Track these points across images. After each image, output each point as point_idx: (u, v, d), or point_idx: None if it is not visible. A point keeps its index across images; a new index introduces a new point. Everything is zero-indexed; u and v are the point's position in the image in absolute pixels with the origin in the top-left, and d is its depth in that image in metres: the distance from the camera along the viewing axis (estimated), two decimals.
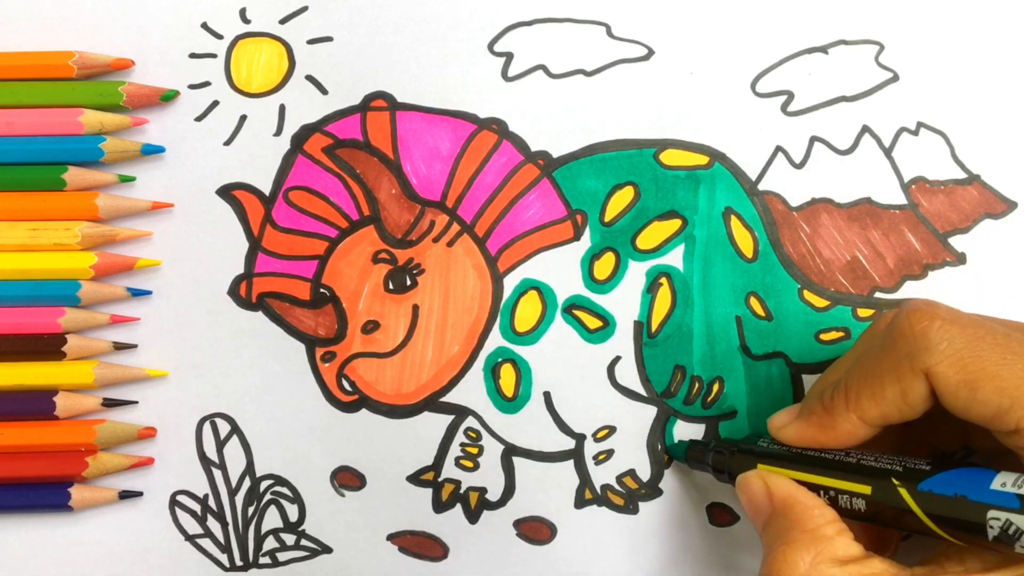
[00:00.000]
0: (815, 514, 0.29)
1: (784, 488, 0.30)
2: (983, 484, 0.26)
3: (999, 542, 0.25)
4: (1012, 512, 0.25)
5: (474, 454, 0.36)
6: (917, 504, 0.27)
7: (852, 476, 0.29)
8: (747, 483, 0.31)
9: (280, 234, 0.37)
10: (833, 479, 0.29)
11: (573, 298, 0.37)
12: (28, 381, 0.35)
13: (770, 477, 0.31)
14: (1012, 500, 0.25)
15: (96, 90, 0.36)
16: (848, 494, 0.29)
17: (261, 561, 0.36)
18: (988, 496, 0.25)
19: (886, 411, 0.29)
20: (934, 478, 0.27)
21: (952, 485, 0.26)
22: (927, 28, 0.37)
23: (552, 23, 0.37)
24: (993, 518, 0.25)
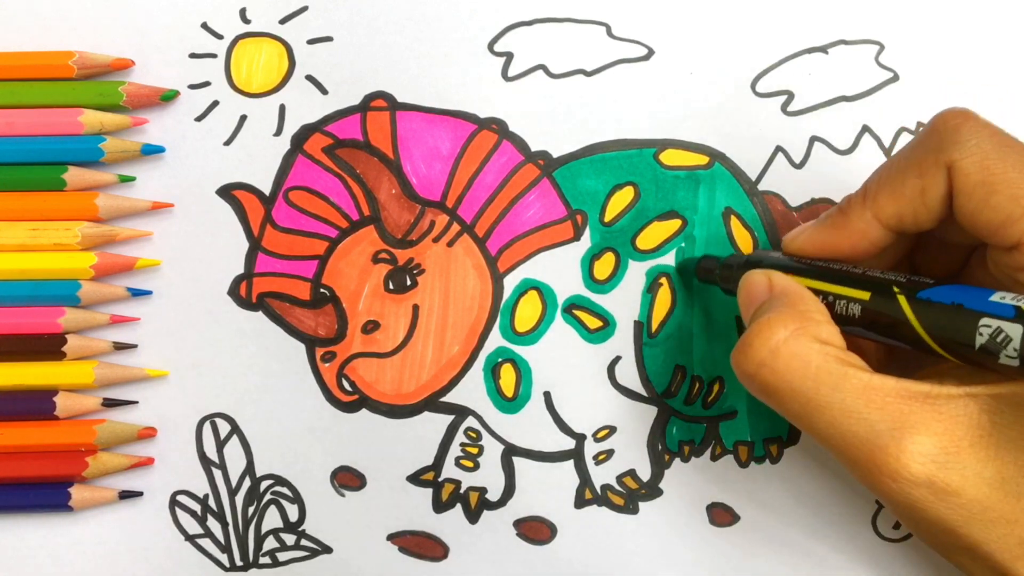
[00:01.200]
0: (807, 299, 0.28)
1: (785, 279, 0.30)
2: (983, 296, 0.25)
3: (985, 352, 0.25)
4: (1005, 320, 0.24)
5: (474, 454, 0.36)
6: (913, 311, 0.26)
7: (854, 283, 0.29)
8: (749, 278, 0.31)
9: (280, 234, 0.37)
10: (834, 285, 0.29)
11: (573, 298, 0.37)
12: (28, 381, 0.35)
13: (774, 273, 0.30)
14: (1008, 310, 0.24)
15: (96, 90, 0.36)
16: (846, 299, 0.28)
17: (261, 561, 0.37)
18: (985, 306, 0.25)
19: (902, 209, 0.28)
20: (934, 288, 0.27)
21: (951, 295, 0.26)
22: (927, 28, 0.37)
23: (552, 23, 0.37)
24: (984, 325, 0.25)
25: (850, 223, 0.29)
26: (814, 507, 0.36)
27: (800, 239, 0.31)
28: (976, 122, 0.27)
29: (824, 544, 0.36)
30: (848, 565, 0.36)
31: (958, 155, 0.27)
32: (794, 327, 0.27)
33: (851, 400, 0.26)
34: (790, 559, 0.36)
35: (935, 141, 0.27)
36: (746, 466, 0.37)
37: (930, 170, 0.27)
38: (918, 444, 0.25)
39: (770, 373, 0.27)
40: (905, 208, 0.28)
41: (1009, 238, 0.26)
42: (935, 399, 0.26)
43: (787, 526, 0.36)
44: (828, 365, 0.27)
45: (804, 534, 0.36)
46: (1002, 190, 0.26)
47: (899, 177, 0.28)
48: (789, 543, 0.36)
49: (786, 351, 0.27)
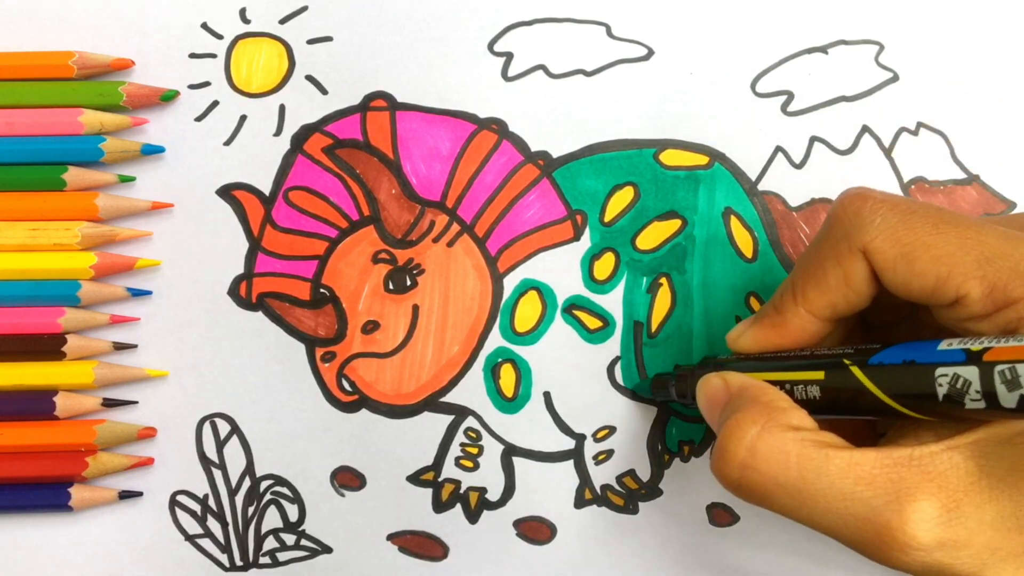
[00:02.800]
0: (768, 391, 0.28)
1: (741, 378, 0.30)
2: (931, 348, 0.25)
3: (950, 401, 0.24)
4: (959, 366, 0.24)
5: (474, 454, 0.36)
6: (869, 378, 0.27)
7: (805, 366, 0.29)
8: (706, 381, 0.31)
9: (280, 234, 0.37)
10: (788, 372, 0.29)
11: (573, 298, 0.37)
12: (28, 381, 0.35)
13: (727, 373, 0.30)
14: (958, 355, 0.24)
15: (96, 90, 0.36)
16: (803, 383, 0.28)
17: (261, 561, 0.37)
18: (935, 356, 0.25)
19: (832, 299, 0.28)
20: (883, 352, 0.27)
21: (901, 354, 0.26)
22: (927, 28, 0.37)
23: (552, 23, 0.37)
24: (941, 375, 0.25)
25: (787, 322, 0.29)
26: None
27: (744, 339, 0.31)
28: (874, 200, 0.27)
29: (824, 544, 0.36)
30: (848, 565, 0.36)
31: (868, 237, 0.27)
32: (763, 421, 0.27)
33: (839, 482, 0.26)
34: (790, 559, 0.36)
35: (842, 229, 0.28)
36: None
37: (845, 257, 0.27)
38: (920, 511, 0.25)
39: (753, 473, 0.27)
40: (835, 297, 0.28)
41: (945, 297, 0.26)
42: (920, 460, 0.26)
43: (787, 526, 0.36)
44: (807, 451, 0.26)
45: (804, 534, 0.36)
46: (921, 255, 0.26)
47: (819, 270, 0.28)
48: (789, 543, 0.36)
49: (763, 447, 0.27)
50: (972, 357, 0.24)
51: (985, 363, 0.24)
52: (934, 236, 0.26)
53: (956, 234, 0.26)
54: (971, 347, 0.24)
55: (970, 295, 0.25)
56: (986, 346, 0.24)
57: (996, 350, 0.24)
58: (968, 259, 0.25)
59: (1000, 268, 0.25)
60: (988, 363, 0.24)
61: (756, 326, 0.31)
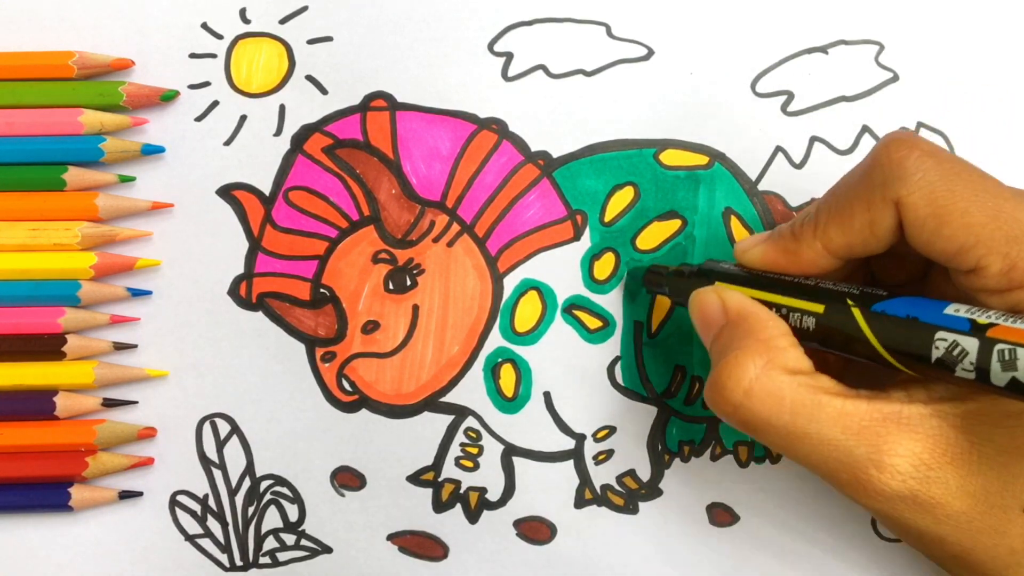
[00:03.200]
0: (768, 325, 0.28)
1: (739, 300, 0.30)
2: (937, 309, 0.25)
3: (941, 365, 0.25)
4: (960, 334, 0.24)
5: (474, 454, 0.36)
6: (868, 324, 0.27)
7: (807, 296, 0.29)
8: (701, 297, 0.31)
9: (280, 234, 0.37)
10: (787, 298, 0.29)
11: (573, 298, 0.37)
12: (28, 381, 0.35)
13: (725, 291, 0.30)
14: (963, 323, 0.24)
15: (96, 90, 0.36)
16: (800, 312, 0.28)
17: (261, 561, 0.37)
18: (940, 319, 0.25)
19: (852, 241, 0.28)
20: (889, 301, 0.27)
21: (905, 308, 0.26)
22: (927, 28, 0.37)
23: (552, 23, 0.37)
24: (940, 339, 0.25)
25: (801, 250, 0.29)
26: (814, 507, 0.36)
27: (752, 253, 0.31)
28: (921, 151, 0.27)
29: (824, 544, 0.36)
30: (848, 565, 0.36)
31: (905, 191, 0.26)
32: (762, 362, 0.27)
33: (827, 429, 0.27)
34: (790, 559, 0.36)
35: (880, 176, 0.27)
36: (746, 466, 0.37)
37: (877, 204, 0.27)
38: (896, 464, 0.26)
39: (747, 412, 0.27)
40: (855, 239, 0.28)
41: (965, 263, 0.26)
42: (908, 419, 0.26)
43: (787, 526, 0.36)
44: (802, 397, 0.27)
45: (804, 534, 0.36)
46: (953, 220, 0.26)
47: (847, 210, 0.28)
48: (789, 543, 0.36)
49: (759, 389, 0.27)
50: (976, 329, 0.24)
51: (987, 338, 0.24)
52: (970, 203, 0.26)
53: (993, 205, 0.26)
54: (977, 319, 0.24)
55: (989, 268, 0.25)
56: (992, 321, 0.24)
57: (1002, 328, 0.24)
58: (998, 234, 0.25)
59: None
60: (990, 339, 0.24)
61: (768, 244, 0.30)
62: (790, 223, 0.30)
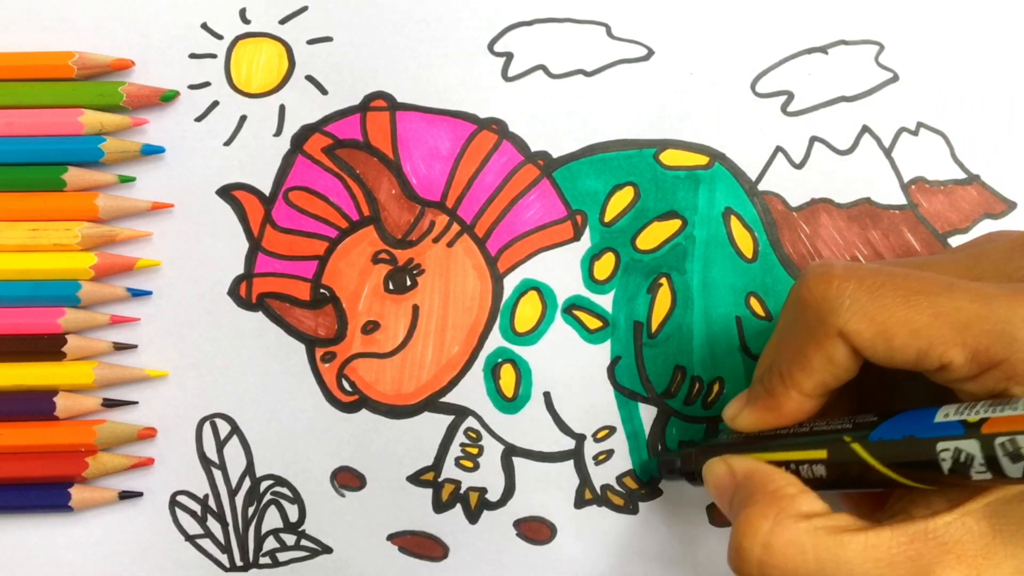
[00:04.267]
0: (775, 477, 0.28)
1: (746, 463, 0.30)
2: (928, 420, 0.25)
3: (955, 474, 0.25)
4: (959, 439, 0.24)
5: (474, 454, 0.36)
6: (871, 455, 0.27)
7: (807, 444, 0.29)
8: (711, 469, 0.31)
9: (280, 234, 0.37)
10: (791, 451, 0.29)
11: (573, 298, 0.37)
12: (28, 381, 0.35)
13: (732, 458, 0.30)
14: (956, 428, 0.24)
15: (96, 90, 0.36)
16: (808, 463, 0.28)
17: (261, 561, 0.37)
18: (934, 430, 0.25)
19: (821, 379, 0.28)
20: (882, 426, 0.27)
21: (900, 428, 0.26)
22: (927, 28, 0.37)
23: (552, 23, 0.37)
24: (943, 450, 0.25)
25: (781, 405, 0.29)
26: None
27: (741, 420, 0.31)
28: (839, 279, 0.27)
29: None
30: None
31: (841, 321, 0.27)
32: (774, 514, 0.27)
33: (859, 568, 0.26)
34: None
35: (814, 315, 0.27)
36: None
37: (824, 341, 0.27)
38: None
39: (771, 569, 0.27)
40: (823, 376, 0.28)
41: (930, 365, 0.26)
42: (935, 532, 0.26)
43: None
44: (821, 541, 0.26)
45: None
46: (898, 332, 0.26)
47: (801, 355, 0.28)
48: None
49: (777, 542, 0.27)
50: (970, 429, 0.24)
51: (984, 435, 0.24)
52: (907, 310, 0.26)
53: (929, 303, 0.26)
54: (968, 418, 0.24)
55: (954, 362, 0.25)
56: (983, 417, 0.24)
57: (993, 421, 0.24)
58: (945, 329, 0.25)
59: (979, 333, 0.25)
60: (987, 435, 0.24)
61: (751, 408, 0.31)
62: (758, 379, 0.30)
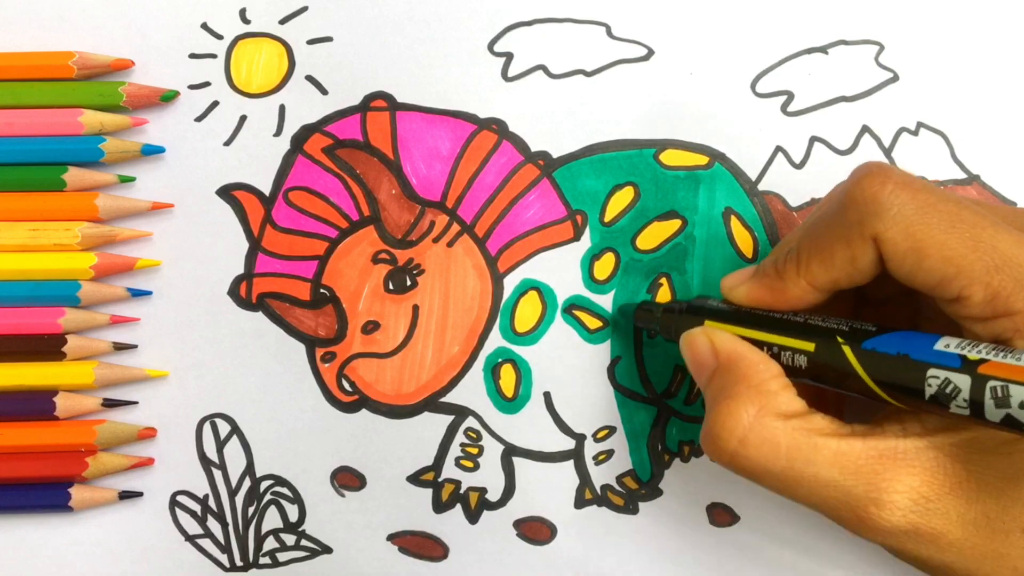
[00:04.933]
0: (760, 368, 0.28)
1: (729, 344, 0.29)
2: (927, 345, 0.25)
3: (935, 402, 0.25)
4: (952, 371, 0.24)
5: (474, 454, 0.36)
6: (859, 362, 0.26)
7: (797, 333, 0.28)
8: (692, 339, 0.31)
9: (280, 234, 0.37)
10: (778, 336, 0.29)
11: (573, 298, 0.37)
12: (28, 381, 0.35)
13: (715, 333, 0.30)
14: (954, 360, 0.24)
15: (96, 90, 0.36)
16: (791, 351, 0.28)
17: (261, 561, 0.37)
18: (931, 356, 0.25)
19: (835, 276, 0.28)
20: (879, 338, 0.27)
21: (896, 345, 0.26)
22: (927, 28, 0.37)
23: (552, 23, 0.37)
24: (932, 376, 0.24)
25: (786, 288, 0.29)
26: None
27: (739, 292, 0.31)
28: (894, 184, 0.27)
29: (824, 544, 0.36)
30: (848, 565, 0.36)
31: (881, 227, 0.26)
32: (755, 409, 0.27)
33: (825, 472, 0.27)
34: (790, 559, 0.36)
35: (855, 213, 0.27)
36: None
37: (855, 241, 0.27)
38: (896, 500, 0.26)
39: (743, 460, 0.27)
40: (838, 275, 0.28)
41: (948, 293, 0.26)
42: (905, 453, 0.26)
43: (787, 526, 0.36)
44: (797, 442, 0.27)
45: (804, 534, 0.36)
46: (932, 253, 0.26)
47: (827, 249, 0.28)
48: (789, 543, 0.36)
49: (754, 438, 0.27)
50: (967, 365, 0.24)
51: (979, 375, 0.24)
52: (948, 235, 0.26)
53: (971, 236, 0.26)
54: (968, 354, 0.24)
55: (972, 298, 0.25)
56: (983, 357, 0.24)
57: (993, 364, 0.24)
58: (978, 264, 0.25)
59: (1007, 278, 0.25)
60: (982, 376, 0.24)
61: (753, 283, 0.30)
62: (772, 258, 0.30)
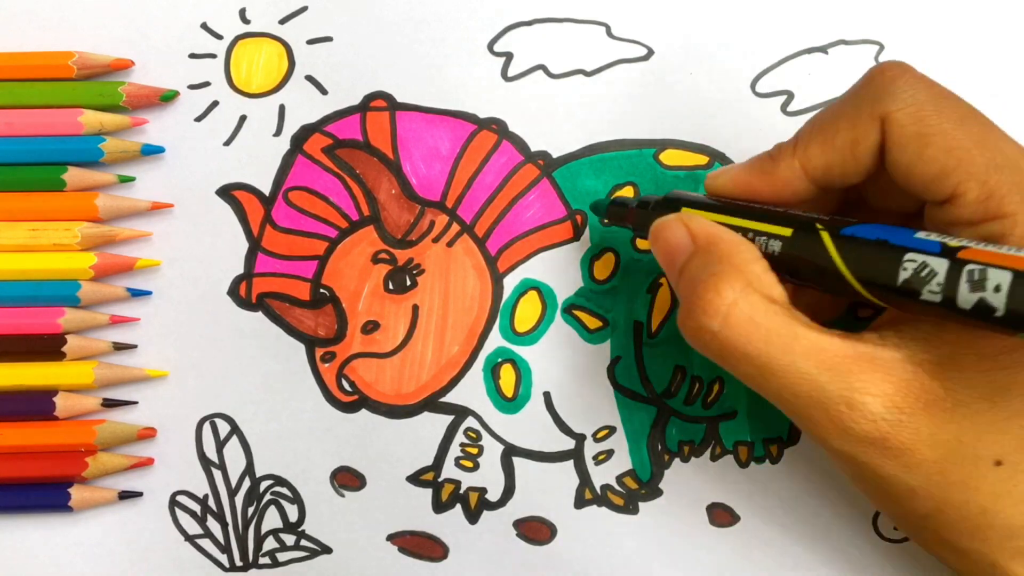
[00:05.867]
0: (741, 249, 0.27)
1: (706, 227, 0.28)
2: (908, 233, 0.25)
3: (907, 286, 0.24)
4: (930, 255, 0.24)
5: (474, 454, 0.36)
6: (836, 248, 0.26)
7: (775, 220, 0.28)
8: (664, 226, 0.29)
9: (280, 234, 0.37)
10: (754, 221, 0.28)
11: (573, 298, 0.37)
12: (28, 381, 0.35)
13: (690, 218, 0.29)
14: (934, 245, 0.24)
15: (96, 90, 0.36)
16: (767, 236, 0.27)
17: (261, 561, 0.37)
18: (910, 241, 0.24)
19: (831, 161, 0.28)
20: (859, 226, 0.26)
21: (876, 232, 0.25)
22: (927, 28, 0.37)
23: (552, 23, 0.37)
24: (909, 260, 0.24)
25: (778, 170, 0.28)
26: (814, 507, 0.36)
27: (723, 179, 0.30)
28: (913, 75, 0.27)
29: (824, 544, 0.36)
30: (848, 565, 0.36)
31: (893, 106, 0.26)
32: (740, 287, 0.26)
33: (801, 362, 0.26)
34: (790, 559, 0.36)
35: (870, 92, 0.27)
36: (746, 466, 0.37)
37: (863, 121, 0.27)
38: (868, 403, 0.25)
39: (724, 339, 0.26)
40: (835, 159, 0.28)
41: (942, 191, 0.25)
42: (882, 361, 0.26)
43: (787, 526, 0.36)
44: (777, 326, 0.26)
45: (804, 534, 0.36)
46: (936, 142, 0.25)
47: (831, 128, 0.28)
48: (789, 543, 0.36)
49: (738, 315, 0.26)
50: (947, 251, 0.23)
51: (958, 259, 0.23)
52: (956, 126, 0.26)
53: (979, 132, 0.25)
54: (948, 242, 0.24)
55: (966, 196, 0.25)
56: (964, 244, 0.23)
57: (973, 250, 0.23)
58: (980, 159, 0.25)
59: (1004, 178, 0.25)
60: (961, 260, 0.23)
61: (743, 167, 0.30)
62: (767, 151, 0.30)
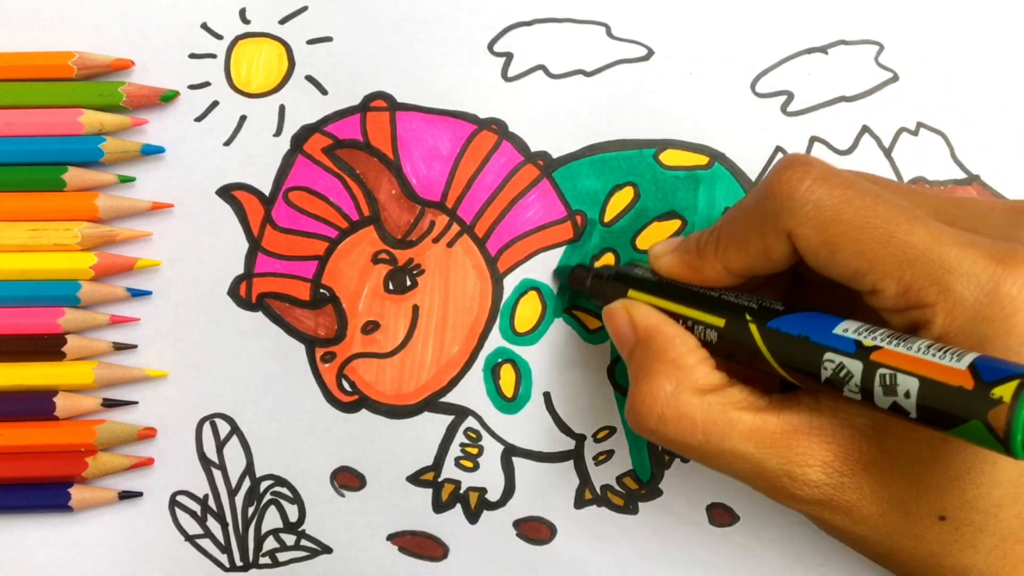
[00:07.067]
0: (676, 343, 0.29)
1: (647, 318, 0.30)
2: (827, 328, 0.26)
3: (830, 385, 0.25)
4: (846, 356, 0.25)
5: (474, 454, 0.36)
6: (763, 341, 0.27)
7: (711, 308, 0.29)
8: (612, 314, 0.31)
9: (280, 234, 0.37)
10: (693, 309, 0.30)
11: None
12: (28, 381, 0.35)
13: (634, 307, 0.31)
14: (849, 344, 0.25)
15: (96, 90, 0.36)
16: (704, 326, 0.29)
17: (261, 561, 0.37)
18: (828, 339, 0.26)
19: (750, 264, 0.29)
20: (784, 318, 0.27)
21: (799, 326, 0.27)
22: (927, 28, 0.37)
23: (552, 23, 0.37)
24: (828, 360, 0.25)
25: (704, 269, 0.30)
26: None
27: (663, 263, 0.31)
28: (812, 179, 0.27)
29: (824, 544, 0.36)
30: (848, 565, 0.36)
31: (794, 222, 0.27)
32: (671, 386, 0.28)
33: (740, 445, 0.27)
34: (790, 559, 0.36)
35: (772, 206, 0.27)
36: None
37: (769, 234, 0.27)
38: (807, 473, 0.27)
39: (662, 435, 0.28)
40: (753, 263, 0.29)
41: (863, 286, 0.26)
42: (819, 429, 0.27)
43: (787, 526, 0.36)
44: (713, 417, 0.28)
45: (803, 534, 0.36)
46: (845, 248, 0.26)
47: (743, 237, 0.28)
48: (789, 543, 0.36)
49: (671, 414, 0.28)
50: (861, 351, 0.25)
51: (870, 362, 0.24)
52: (861, 231, 0.26)
53: (885, 231, 0.26)
54: (864, 340, 0.25)
55: (886, 292, 0.26)
56: (877, 344, 0.24)
57: (885, 352, 0.24)
58: (888, 259, 0.25)
59: (918, 273, 0.25)
60: (873, 363, 0.24)
61: (675, 256, 0.31)
62: (697, 236, 0.31)
